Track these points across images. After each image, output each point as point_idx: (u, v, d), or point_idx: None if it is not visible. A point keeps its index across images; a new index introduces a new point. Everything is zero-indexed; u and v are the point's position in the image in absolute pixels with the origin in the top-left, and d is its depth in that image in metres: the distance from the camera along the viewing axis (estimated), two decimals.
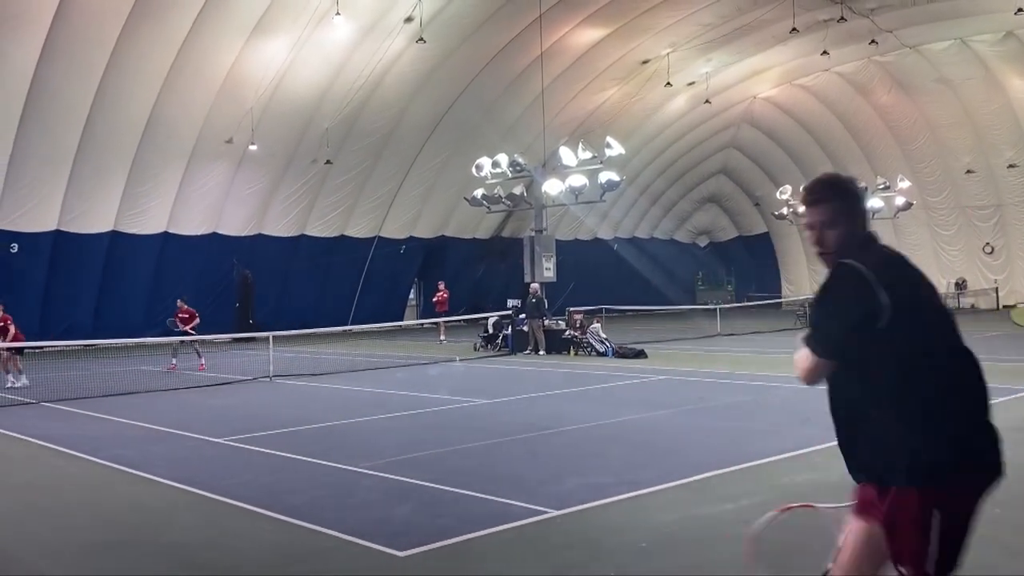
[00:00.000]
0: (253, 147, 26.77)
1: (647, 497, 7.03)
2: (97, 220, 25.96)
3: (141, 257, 27.17)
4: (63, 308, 25.92)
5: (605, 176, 20.04)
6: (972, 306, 38.11)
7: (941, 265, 39.45)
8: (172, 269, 27.85)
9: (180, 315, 19.62)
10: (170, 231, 27.74)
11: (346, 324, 30.85)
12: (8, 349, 16.29)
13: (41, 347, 23.41)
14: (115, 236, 26.46)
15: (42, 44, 21.53)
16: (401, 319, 33.93)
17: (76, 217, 25.47)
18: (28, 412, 13.18)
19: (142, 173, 25.93)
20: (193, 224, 28.22)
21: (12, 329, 16.48)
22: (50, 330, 24.87)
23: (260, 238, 30.18)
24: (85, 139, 24.08)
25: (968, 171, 37.33)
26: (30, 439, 10.54)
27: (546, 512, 6.59)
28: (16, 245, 24.74)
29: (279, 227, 30.52)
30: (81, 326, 25.76)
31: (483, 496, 7.14)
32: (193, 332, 19.47)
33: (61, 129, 23.60)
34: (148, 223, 27.13)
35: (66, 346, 23.81)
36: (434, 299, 27.97)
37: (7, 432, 11.10)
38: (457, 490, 7.36)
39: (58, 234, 25.35)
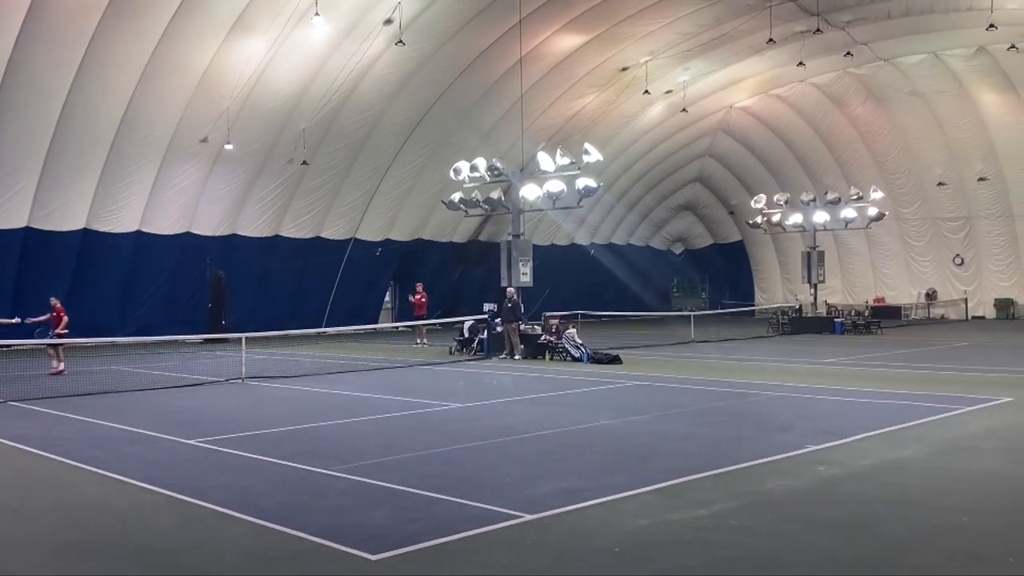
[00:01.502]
0: (229, 146, 26.57)
1: (620, 502, 7.07)
2: (69, 217, 25.63)
3: (113, 256, 26.85)
4: (33, 307, 25.50)
5: (583, 182, 20.11)
6: (942, 316, 38.67)
7: (912, 275, 40.00)
8: (145, 268, 27.60)
9: (54, 315, 19.17)
10: (143, 230, 27.45)
11: (321, 326, 30.72)
12: None
13: (9, 345, 23.12)
14: (87, 234, 26.15)
15: (17, 33, 21.20)
16: (376, 322, 33.84)
17: (48, 214, 25.15)
18: None
19: (116, 170, 25.65)
20: (167, 223, 27.95)
21: None
22: (20, 328, 24.51)
23: (234, 238, 29.94)
24: (58, 134, 23.78)
25: (940, 183, 37.87)
26: None
27: (519, 516, 6.61)
28: None
29: (253, 227, 30.30)
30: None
31: (457, 500, 7.15)
32: (61, 335, 19.06)
33: (34, 123, 23.28)
34: (121, 221, 26.83)
35: (36, 345, 23.44)
36: (412, 299, 27.65)
37: None
38: (431, 494, 7.36)
39: (28, 231, 25.02)
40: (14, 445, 10.01)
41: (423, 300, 27.38)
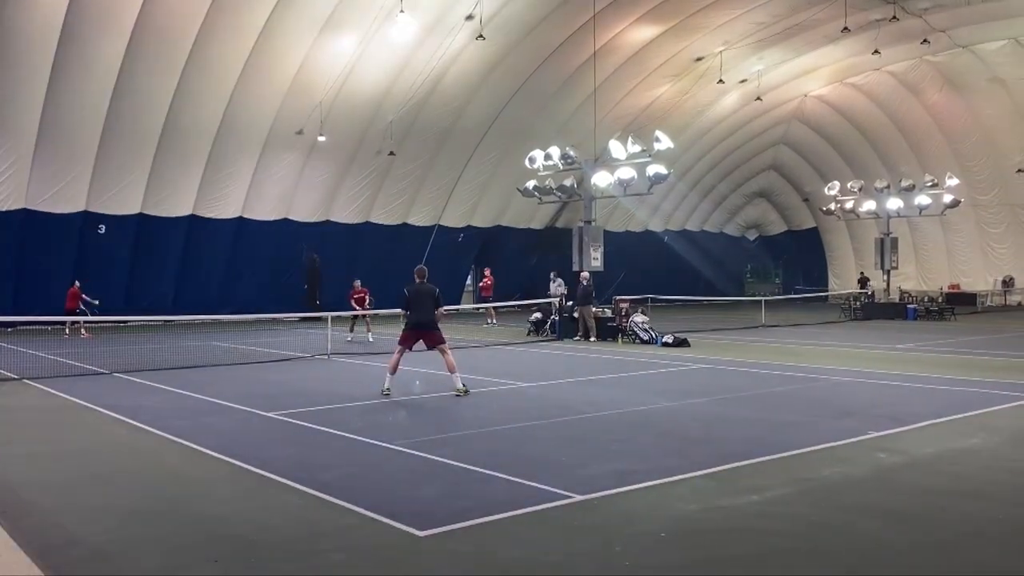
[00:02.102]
0: (322, 138, 26.90)
1: (671, 485, 6.70)
2: (177, 205, 26.39)
3: (217, 240, 27.54)
4: (146, 286, 26.44)
5: (653, 169, 19.52)
6: (1019, 303, 36.51)
7: (988, 262, 37.89)
8: (246, 251, 28.21)
9: (82, 298, 22.77)
10: (244, 216, 28.06)
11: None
12: None
13: (125, 321, 23.99)
14: (193, 220, 26.86)
15: (127, 41, 21.90)
16: (459, 303, 33.83)
17: (158, 201, 25.95)
18: (101, 382, 13.36)
19: (219, 161, 26.27)
20: (266, 210, 28.51)
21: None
22: (133, 306, 25.41)
23: (328, 224, 30.35)
24: (167, 130, 24.47)
25: (1019, 170, 35.62)
26: (96, 408, 10.63)
27: (570, 497, 6.31)
28: (104, 226, 25.32)
29: (346, 214, 30.65)
30: (162, 303, 26.28)
31: (510, 478, 6.88)
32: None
33: (145, 120, 24.03)
34: (224, 208, 27.49)
35: (147, 321, 24.25)
36: (480, 284, 28.16)
37: (77, 400, 11.23)
38: (485, 471, 7.12)
39: (142, 217, 25.85)
40: (110, 414, 10.20)
41: (490, 283, 27.63)
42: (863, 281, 35.00)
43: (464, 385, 11.56)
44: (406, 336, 11.88)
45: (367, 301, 21.37)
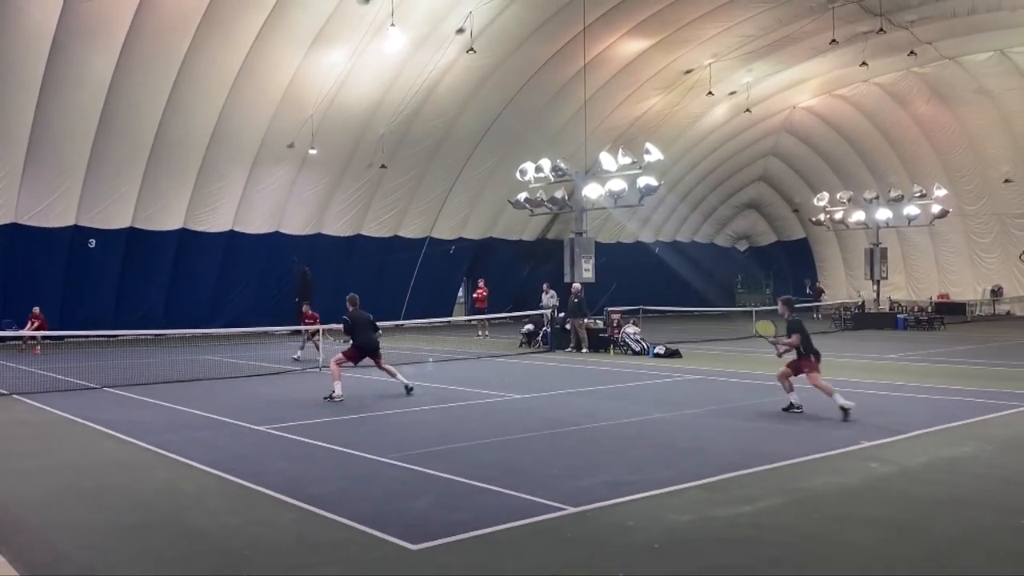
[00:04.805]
0: (313, 151, 26.87)
1: (664, 496, 6.69)
2: (168, 218, 26.28)
3: (208, 253, 27.44)
4: (136, 300, 26.31)
5: (644, 181, 19.59)
6: (1008, 313, 36.70)
7: (977, 272, 38.11)
8: (237, 265, 28.12)
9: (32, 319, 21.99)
10: (236, 229, 27.98)
11: (398, 319, 30.83)
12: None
13: (115, 336, 23.88)
14: (184, 233, 26.76)
15: (118, 54, 21.88)
16: (451, 315, 33.84)
17: (149, 215, 25.84)
18: (91, 397, 13.27)
19: (210, 175, 26.19)
20: (257, 223, 28.43)
21: None
22: (124, 320, 25.29)
23: (319, 237, 30.30)
24: (157, 143, 24.41)
25: (1006, 180, 35.90)
26: (86, 422, 10.56)
27: (563, 508, 6.31)
28: (93, 241, 25.19)
29: (337, 227, 30.61)
30: (153, 317, 26.16)
31: (502, 490, 6.87)
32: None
33: (136, 134, 23.95)
34: (215, 221, 27.40)
35: (138, 335, 24.14)
36: (474, 295, 28.19)
37: (67, 415, 11.16)
38: (478, 484, 7.10)
39: (132, 231, 25.74)
40: (100, 429, 10.13)
41: (484, 294, 27.65)
42: (817, 292, 35.04)
43: (408, 381, 12.96)
44: (353, 354, 13.07)
45: None
